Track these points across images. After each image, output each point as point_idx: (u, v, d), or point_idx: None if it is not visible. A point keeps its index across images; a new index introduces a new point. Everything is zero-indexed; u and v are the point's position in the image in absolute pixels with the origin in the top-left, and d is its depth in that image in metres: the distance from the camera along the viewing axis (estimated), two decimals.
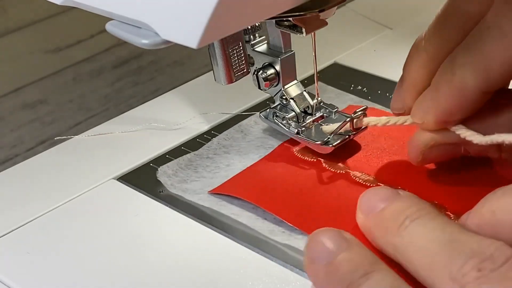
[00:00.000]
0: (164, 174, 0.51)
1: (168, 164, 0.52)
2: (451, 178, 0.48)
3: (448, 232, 0.37)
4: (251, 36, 0.53)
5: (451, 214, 0.44)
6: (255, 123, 0.56)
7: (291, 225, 0.45)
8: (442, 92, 0.44)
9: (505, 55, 0.42)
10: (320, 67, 0.64)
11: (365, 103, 0.57)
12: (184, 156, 0.53)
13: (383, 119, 0.49)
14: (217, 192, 0.49)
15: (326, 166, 0.50)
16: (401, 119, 0.48)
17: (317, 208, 0.46)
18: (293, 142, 0.53)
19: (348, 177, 0.48)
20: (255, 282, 0.42)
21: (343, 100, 0.58)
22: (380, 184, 0.47)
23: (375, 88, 0.60)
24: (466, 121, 0.45)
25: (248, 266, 0.43)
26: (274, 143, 0.53)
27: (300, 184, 0.48)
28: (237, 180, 0.49)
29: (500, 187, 0.38)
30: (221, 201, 0.48)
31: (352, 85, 0.61)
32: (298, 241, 0.44)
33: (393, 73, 0.62)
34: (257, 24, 0.52)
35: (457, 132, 0.44)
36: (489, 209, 0.37)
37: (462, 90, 0.43)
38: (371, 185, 0.47)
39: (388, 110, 0.55)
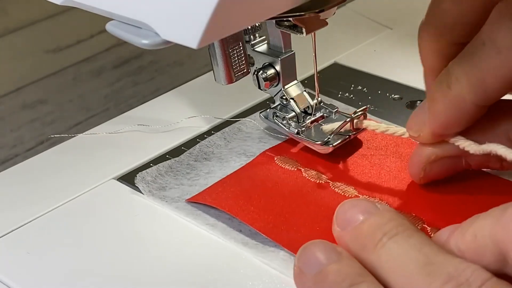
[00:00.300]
0: (143, 180, 0.51)
1: (147, 170, 0.51)
2: (430, 190, 0.47)
3: (425, 253, 0.36)
4: (251, 36, 0.52)
5: (427, 227, 0.44)
6: (239, 130, 0.55)
7: (265, 236, 0.44)
8: (438, 106, 0.44)
9: (501, 70, 0.41)
10: (320, 67, 0.64)
11: (350, 110, 0.56)
12: (164, 162, 0.52)
13: (382, 127, 0.49)
14: (194, 201, 0.48)
15: (306, 176, 0.49)
16: (400, 130, 0.47)
17: (293, 219, 0.45)
18: (274, 150, 0.52)
19: (328, 187, 0.48)
20: (255, 282, 0.42)
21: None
22: (359, 195, 0.47)
23: (375, 88, 0.60)
24: (464, 132, 0.45)
25: (248, 266, 0.43)
26: (256, 151, 0.53)
27: (278, 194, 0.48)
28: (215, 189, 0.49)
29: (484, 212, 0.37)
30: (197, 211, 0.48)
31: (352, 85, 0.61)
32: (270, 253, 0.44)
33: (393, 73, 0.62)
34: (257, 24, 0.52)
35: (456, 143, 0.44)
36: (472, 233, 0.37)
37: (458, 104, 0.43)
38: (350, 196, 0.47)
39: (384, 120, 0.55)
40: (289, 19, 0.48)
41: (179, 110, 0.59)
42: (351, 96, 0.59)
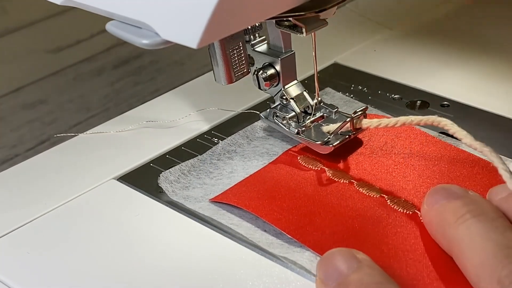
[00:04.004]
0: (166, 180, 0.51)
1: (170, 169, 0.51)
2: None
3: (507, 237, 0.37)
4: (251, 36, 0.52)
5: None
6: (261, 129, 0.55)
7: (290, 237, 0.44)
8: None
9: None
10: (320, 67, 0.64)
11: (374, 111, 0.56)
12: (187, 161, 0.52)
13: (384, 121, 0.48)
14: (218, 201, 0.48)
15: (330, 175, 0.49)
16: (400, 119, 0.47)
17: (318, 219, 0.45)
18: (297, 150, 0.52)
19: (352, 187, 0.48)
20: (255, 282, 0.42)
21: (352, 107, 0.57)
22: (384, 195, 0.47)
23: (375, 88, 0.60)
24: None
25: (248, 266, 0.43)
26: (279, 150, 0.52)
27: (302, 195, 0.47)
28: (238, 189, 0.49)
29: None
30: (221, 210, 0.48)
31: (352, 85, 0.61)
32: (296, 254, 0.44)
33: (393, 73, 0.62)
34: (257, 24, 0.52)
35: (446, 128, 0.45)
36: None
37: None
38: (375, 196, 0.47)
39: (388, 114, 0.55)
40: (289, 19, 0.47)
41: (179, 110, 0.59)
42: (351, 96, 0.59)
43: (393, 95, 0.59)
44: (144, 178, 0.52)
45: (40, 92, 0.72)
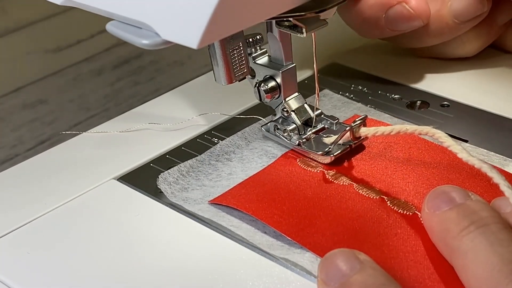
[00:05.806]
0: (165, 181, 0.50)
1: (169, 170, 0.51)
2: None
3: (511, 251, 0.36)
4: (253, 49, 0.52)
5: None
6: (259, 130, 0.55)
7: (290, 239, 0.44)
8: None
9: None
10: (320, 67, 0.63)
11: (372, 111, 0.56)
12: (185, 162, 0.52)
13: (380, 129, 0.48)
14: (217, 203, 0.48)
15: (329, 177, 0.49)
16: (395, 128, 0.47)
17: (318, 222, 0.45)
18: (296, 152, 0.52)
19: (351, 189, 0.48)
20: (255, 282, 0.42)
21: (350, 108, 0.57)
22: (384, 196, 0.47)
23: (375, 88, 0.60)
24: None
25: (248, 266, 0.43)
26: (278, 152, 0.52)
27: (301, 197, 0.47)
28: (238, 191, 0.49)
29: None
30: (221, 212, 0.47)
31: (352, 85, 0.61)
32: (296, 255, 0.43)
33: (393, 73, 0.62)
34: (258, 37, 0.52)
35: (440, 140, 0.44)
36: None
37: None
38: (375, 198, 0.47)
39: (386, 121, 0.55)
40: (289, 19, 0.47)
41: (179, 110, 0.59)
42: (351, 96, 0.59)
43: (393, 95, 0.59)
44: (144, 178, 0.52)
45: (40, 92, 0.72)
